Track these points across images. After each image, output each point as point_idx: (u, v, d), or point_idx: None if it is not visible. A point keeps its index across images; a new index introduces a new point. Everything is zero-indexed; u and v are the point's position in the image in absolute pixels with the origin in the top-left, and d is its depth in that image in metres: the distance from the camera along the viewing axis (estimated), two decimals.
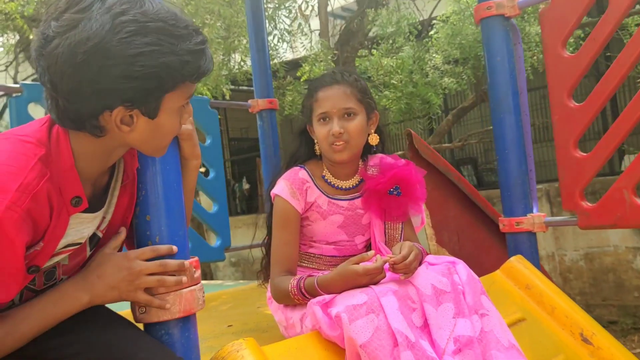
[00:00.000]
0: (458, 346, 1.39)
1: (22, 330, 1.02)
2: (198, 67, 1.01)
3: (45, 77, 0.96)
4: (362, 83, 1.76)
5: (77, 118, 0.99)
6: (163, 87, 0.98)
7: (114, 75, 0.93)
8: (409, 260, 1.46)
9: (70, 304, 1.07)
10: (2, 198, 0.92)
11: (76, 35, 0.92)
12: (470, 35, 5.68)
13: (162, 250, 1.15)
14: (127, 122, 1.01)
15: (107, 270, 1.10)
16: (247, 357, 1.25)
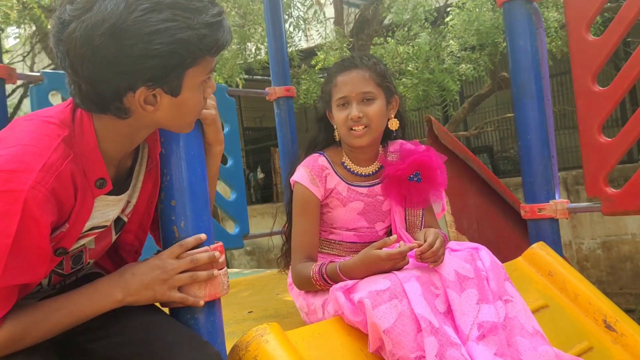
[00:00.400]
0: (482, 332, 1.38)
1: (53, 321, 1.03)
2: (216, 40, 1.00)
3: (65, 62, 0.96)
4: (381, 67, 1.75)
5: (100, 101, 0.99)
6: (183, 63, 0.97)
7: (133, 55, 0.93)
8: (436, 248, 1.45)
9: (103, 299, 1.07)
10: (26, 178, 0.92)
11: (92, 17, 0.91)
12: (487, 21, 5.60)
13: (190, 243, 1.15)
14: (151, 102, 1.00)
15: (141, 269, 1.11)
16: (271, 341, 1.25)
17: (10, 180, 0.91)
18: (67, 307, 1.04)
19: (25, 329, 0.99)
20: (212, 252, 1.16)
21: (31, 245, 0.94)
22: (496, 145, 9.50)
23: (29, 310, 1.02)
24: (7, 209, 0.90)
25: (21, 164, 0.93)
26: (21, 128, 1.01)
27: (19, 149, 0.95)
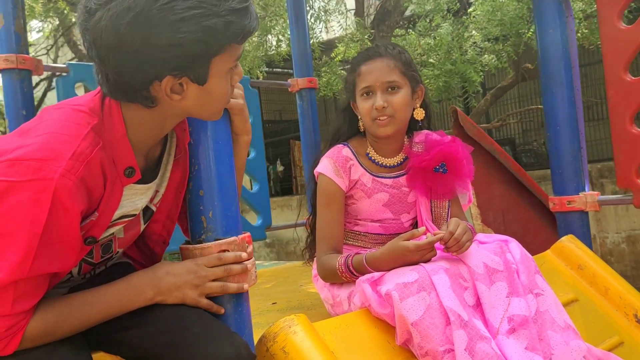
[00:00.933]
0: (512, 325, 1.36)
1: (85, 315, 1.03)
2: (243, 27, 0.98)
3: (92, 51, 0.95)
4: (406, 56, 1.72)
5: (127, 90, 0.98)
6: (209, 51, 0.96)
7: (159, 44, 0.92)
8: (458, 234, 1.42)
9: (135, 296, 1.07)
10: (56, 166, 0.92)
11: (117, 6, 0.90)
12: (511, 11, 5.52)
13: (229, 259, 1.15)
14: (177, 91, 1.00)
15: (176, 269, 1.11)
16: (299, 332, 1.24)
17: (41, 168, 0.91)
18: (99, 302, 1.04)
19: (57, 322, 0.99)
20: (244, 265, 1.16)
21: (61, 234, 0.94)
22: (519, 138, 9.38)
23: (61, 303, 1.02)
24: (38, 197, 0.90)
25: (51, 152, 0.93)
26: (50, 116, 1.01)
27: (49, 137, 0.95)
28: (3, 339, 0.93)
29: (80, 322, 1.02)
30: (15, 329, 0.94)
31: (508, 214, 2.40)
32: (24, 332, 0.95)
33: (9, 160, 0.92)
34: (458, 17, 6.09)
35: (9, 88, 2.15)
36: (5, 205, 0.90)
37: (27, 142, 0.95)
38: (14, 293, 0.92)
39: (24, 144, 0.94)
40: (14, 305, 0.92)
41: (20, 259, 0.90)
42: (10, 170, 0.91)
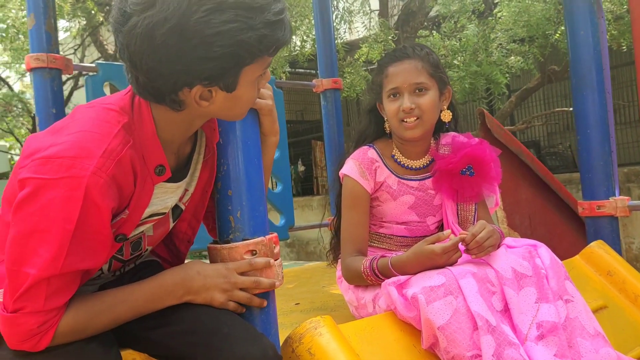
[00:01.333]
0: (541, 332, 1.34)
1: (116, 313, 1.04)
2: (277, 40, 0.98)
3: (124, 54, 0.96)
4: (434, 57, 1.70)
5: (156, 93, 0.99)
6: (241, 63, 0.97)
7: (193, 56, 0.92)
8: (480, 237, 1.41)
9: (165, 295, 1.08)
10: (88, 164, 0.93)
11: (154, 15, 0.90)
12: (538, 12, 5.44)
13: (260, 265, 1.16)
14: (206, 97, 1.00)
15: (207, 271, 1.11)
16: (325, 334, 1.24)
17: (73, 166, 0.92)
18: (130, 300, 1.05)
19: (88, 319, 1.00)
20: (272, 280, 1.17)
21: (93, 231, 0.95)
22: (543, 141, 9.25)
23: (93, 300, 1.03)
24: (70, 194, 0.92)
25: (83, 150, 0.94)
26: (82, 115, 1.02)
27: (80, 136, 0.96)
28: (36, 334, 0.95)
29: (111, 319, 1.03)
30: (48, 325, 0.95)
31: (535, 218, 2.37)
32: (56, 329, 0.96)
33: (42, 158, 0.93)
34: (483, 18, 6.02)
35: (40, 87, 2.18)
36: (38, 202, 0.91)
37: (59, 140, 0.96)
38: (46, 289, 0.93)
39: (56, 142, 0.96)
40: (47, 302, 0.94)
41: (52, 256, 0.92)
42: (43, 167, 0.92)
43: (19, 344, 0.96)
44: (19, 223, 0.93)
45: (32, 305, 0.93)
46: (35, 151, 0.96)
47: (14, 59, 8.26)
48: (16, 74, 14.20)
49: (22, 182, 0.94)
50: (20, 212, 0.93)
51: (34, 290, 0.93)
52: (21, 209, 0.93)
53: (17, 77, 14.76)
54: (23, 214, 0.93)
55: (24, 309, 0.93)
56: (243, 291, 1.14)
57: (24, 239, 0.93)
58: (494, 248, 1.44)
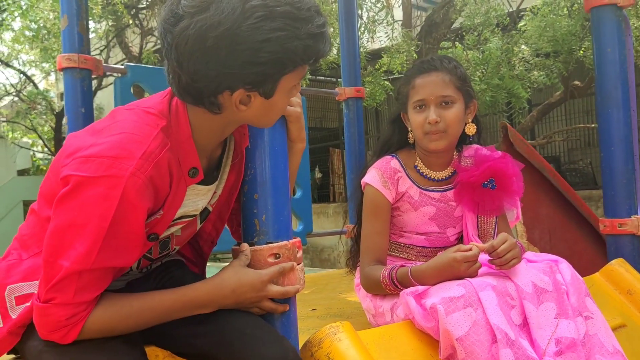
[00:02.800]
0: (560, 348, 1.34)
1: (144, 319, 1.06)
2: (318, 51, 1.01)
3: (171, 54, 0.98)
4: (462, 70, 1.71)
5: (197, 95, 1.02)
6: (283, 71, 1.00)
7: (241, 60, 0.95)
8: (501, 249, 1.41)
9: (195, 308, 1.10)
10: (128, 165, 0.96)
11: (207, 19, 0.93)
12: (563, 27, 5.42)
13: (287, 269, 1.19)
14: (245, 102, 1.03)
15: (244, 289, 1.13)
16: (344, 340, 1.25)
17: (113, 166, 0.95)
18: (159, 308, 1.07)
19: (116, 321, 1.03)
20: (297, 287, 1.21)
21: (127, 230, 0.98)
22: (564, 156, 9.17)
23: (122, 302, 1.05)
24: (108, 193, 0.95)
25: (123, 150, 0.97)
26: (123, 117, 1.05)
27: (122, 137, 0.99)
28: (64, 326, 0.98)
29: (138, 324, 1.06)
30: (76, 319, 0.98)
31: (555, 234, 2.36)
32: (84, 324, 0.99)
33: (84, 157, 0.97)
34: (507, 31, 6.01)
35: (70, 86, 2.23)
36: (78, 198, 0.95)
37: (100, 140, 0.99)
38: (77, 282, 0.96)
39: (97, 142, 0.99)
40: (76, 295, 0.97)
41: (86, 250, 0.95)
42: (84, 166, 0.96)
43: (48, 334, 0.98)
44: (58, 217, 0.96)
45: (62, 297, 0.96)
46: (77, 150, 0.99)
47: (43, 58, 8.42)
48: (41, 72, 14.47)
49: (64, 179, 0.97)
50: (61, 207, 0.96)
51: (65, 282, 0.96)
52: (61, 204, 0.96)
53: (42, 75, 15.03)
54: (63, 209, 0.96)
55: (54, 300, 0.97)
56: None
57: (62, 232, 0.96)
58: (517, 261, 1.44)
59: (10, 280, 1.06)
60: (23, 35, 8.25)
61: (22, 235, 1.12)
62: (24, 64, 14.16)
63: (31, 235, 1.10)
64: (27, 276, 1.06)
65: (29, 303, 1.03)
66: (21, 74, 13.74)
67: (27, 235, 1.11)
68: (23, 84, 14.36)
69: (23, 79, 14.10)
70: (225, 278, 1.14)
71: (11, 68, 13.46)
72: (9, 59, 13.75)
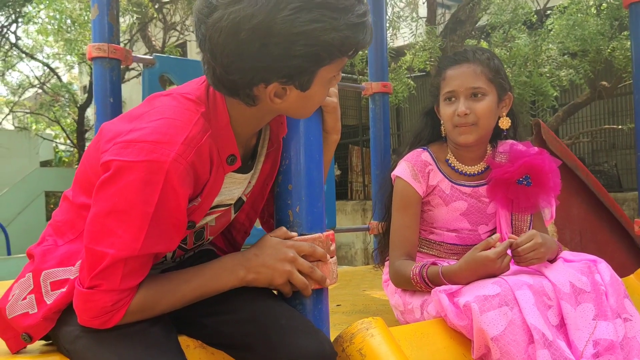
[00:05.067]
0: (598, 350, 1.30)
1: (181, 293, 1.05)
2: (357, 42, 0.98)
3: (205, 45, 0.96)
4: (496, 62, 1.67)
5: (231, 87, 1.00)
6: (319, 63, 0.97)
7: (275, 53, 0.92)
8: (522, 249, 1.39)
9: (227, 275, 1.09)
10: (170, 150, 0.94)
11: (241, 10, 0.90)
12: (591, 26, 5.32)
13: (319, 253, 1.15)
14: (280, 95, 1.01)
15: (265, 250, 1.11)
16: (376, 336, 1.22)
17: (154, 151, 0.94)
18: (195, 281, 1.07)
19: (156, 299, 1.02)
20: (324, 275, 1.16)
21: (169, 216, 0.97)
22: (588, 158, 9.01)
23: (161, 280, 1.05)
24: (150, 178, 0.93)
25: (165, 135, 0.96)
26: (162, 103, 1.03)
27: (163, 122, 0.98)
28: (108, 312, 0.97)
29: (177, 299, 1.05)
30: (121, 304, 0.97)
31: (585, 235, 2.30)
32: (127, 308, 0.98)
33: (125, 142, 0.95)
34: (533, 29, 5.92)
35: (99, 76, 2.23)
36: (118, 183, 0.93)
37: (141, 125, 0.98)
38: (123, 269, 0.95)
39: (138, 127, 0.97)
40: (122, 282, 0.95)
41: (132, 237, 0.93)
42: (125, 150, 0.94)
43: (90, 320, 0.97)
44: (99, 203, 0.95)
45: (108, 284, 0.95)
46: (117, 135, 0.98)
47: (67, 49, 8.51)
48: (65, 65, 14.65)
49: (105, 165, 0.96)
50: (102, 192, 0.95)
51: (112, 269, 0.95)
52: (102, 189, 0.95)
53: (66, 68, 15.23)
54: (104, 194, 0.95)
55: (99, 287, 0.95)
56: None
57: (103, 218, 0.95)
58: (538, 261, 1.41)
59: (46, 265, 1.06)
60: (49, 25, 8.35)
61: (57, 221, 1.12)
62: (48, 56, 14.36)
63: (65, 221, 1.10)
64: (63, 262, 1.05)
65: (64, 289, 1.03)
66: (45, 66, 13.94)
67: (61, 222, 1.10)
68: (47, 76, 14.57)
69: (47, 71, 14.31)
70: (251, 245, 1.14)
71: (36, 60, 13.66)
72: (34, 51, 13.94)
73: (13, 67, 14.25)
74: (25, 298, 1.06)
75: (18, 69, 15.30)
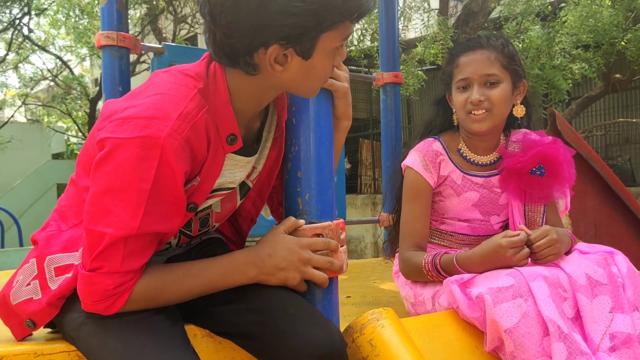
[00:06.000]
0: (614, 343, 1.27)
1: (187, 286, 1.04)
2: (360, 5, 0.96)
3: (205, 8, 0.95)
4: (510, 48, 1.62)
5: (232, 53, 0.98)
6: (320, 25, 0.94)
7: (273, 10, 0.90)
8: (537, 245, 1.36)
9: (237, 274, 1.07)
10: (164, 125, 0.93)
11: None
12: (605, 17, 5.24)
13: (333, 246, 1.13)
14: (281, 62, 0.98)
15: (279, 252, 1.09)
16: (387, 327, 1.20)
17: (148, 126, 0.92)
18: (202, 275, 1.05)
19: (160, 289, 1.00)
20: (342, 265, 1.14)
21: (167, 193, 0.95)
22: (601, 152, 8.90)
23: (166, 270, 1.03)
24: (145, 154, 0.91)
25: (159, 111, 0.94)
26: (159, 79, 1.02)
27: (158, 98, 0.96)
28: (111, 296, 0.95)
29: (182, 292, 1.03)
30: (124, 288, 0.95)
31: (600, 227, 2.26)
32: (130, 294, 0.96)
33: (119, 119, 0.94)
34: (547, 21, 5.84)
35: (108, 64, 2.21)
36: (114, 161, 0.92)
37: (136, 102, 0.96)
38: (123, 250, 0.93)
39: (133, 104, 0.96)
40: (124, 263, 0.94)
41: (129, 215, 0.92)
42: (120, 128, 0.93)
43: (93, 304, 0.96)
44: (95, 182, 0.94)
45: (110, 266, 0.93)
46: (113, 113, 0.96)
47: (77, 40, 8.53)
48: (77, 58, 14.72)
49: (100, 143, 0.94)
50: (97, 172, 0.94)
51: (112, 250, 0.93)
52: (98, 169, 0.94)
53: (77, 61, 15.31)
54: (100, 173, 0.93)
55: (101, 269, 0.94)
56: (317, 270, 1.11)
57: (100, 197, 0.93)
58: (555, 257, 1.38)
59: (50, 251, 1.04)
60: (58, 13, 8.36)
61: (62, 206, 1.10)
62: (60, 49, 14.42)
63: (70, 206, 1.08)
64: (67, 247, 1.03)
65: (69, 274, 1.01)
66: (57, 59, 14.02)
67: (66, 207, 1.09)
68: (59, 69, 14.64)
69: (59, 64, 14.38)
70: (262, 241, 1.11)
71: (48, 53, 13.73)
72: (46, 43, 14.01)
73: (26, 60, 14.34)
74: (29, 284, 1.05)
75: (31, 62, 15.41)
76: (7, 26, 11.45)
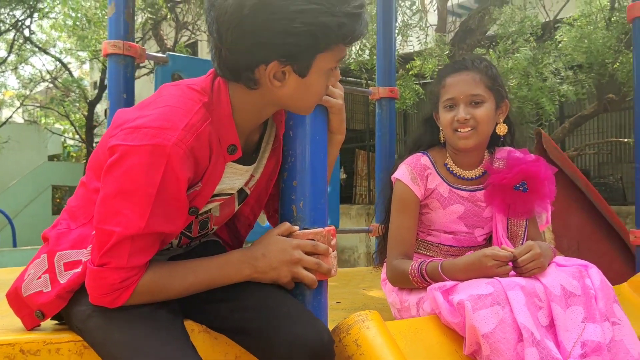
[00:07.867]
0: (585, 351, 1.34)
1: (188, 281, 1.12)
2: (353, 31, 1.05)
3: (213, 26, 1.04)
4: (493, 70, 1.72)
5: (235, 68, 1.07)
6: (317, 46, 1.04)
7: (275, 29, 0.99)
8: (522, 260, 1.44)
9: (232, 271, 1.15)
10: (171, 135, 1.02)
11: None
12: (599, 39, 5.36)
13: (321, 249, 1.21)
14: (279, 78, 1.07)
15: (272, 252, 1.17)
16: (372, 328, 1.28)
17: (157, 135, 1.01)
18: (201, 272, 1.13)
19: (162, 284, 1.09)
20: (330, 267, 1.22)
21: (171, 198, 1.03)
22: (594, 170, 9.03)
23: (168, 267, 1.11)
24: (153, 161, 1.00)
25: (167, 122, 1.03)
26: (169, 92, 1.11)
27: (166, 110, 1.05)
28: (117, 290, 1.03)
29: (182, 287, 1.11)
30: (129, 283, 1.03)
31: (583, 244, 2.35)
32: (135, 287, 1.04)
33: (130, 128, 1.03)
34: (541, 41, 5.96)
35: (113, 72, 2.29)
36: (124, 166, 1.01)
37: (146, 113, 1.05)
38: (130, 247, 1.01)
39: (143, 115, 1.05)
40: (130, 259, 1.02)
41: (137, 216, 1.00)
42: (130, 136, 1.02)
43: (100, 298, 1.04)
44: (106, 185, 1.02)
45: (116, 262, 1.02)
46: (124, 122, 1.05)
47: (79, 46, 8.61)
48: (77, 61, 14.76)
49: (111, 149, 1.03)
50: (108, 175, 1.02)
51: (119, 247, 1.01)
52: (109, 173, 1.02)
53: (77, 64, 15.35)
54: (111, 177, 1.02)
55: (108, 264, 1.02)
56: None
57: (110, 199, 1.02)
58: (539, 270, 1.46)
59: (60, 247, 1.12)
60: (65, 22, 8.45)
61: (71, 206, 1.18)
62: (61, 51, 14.47)
63: (80, 206, 1.16)
64: (75, 244, 1.11)
65: (77, 269, 1.09)
66: (57, 61, 14.07)
67: (75, 207, 1.17)
68: (58, 71, 14.69)
69: (59, 66, 14.43)
70: (257, 242, 1.19)
71: (48, 55, 13.78)
72: (46, 46, 14.05)
73: (26, 61, 14.39)
74: (40, 277, 1.13)
75: (30, 63, 15.46)
76: (9, 28, 11.53)
